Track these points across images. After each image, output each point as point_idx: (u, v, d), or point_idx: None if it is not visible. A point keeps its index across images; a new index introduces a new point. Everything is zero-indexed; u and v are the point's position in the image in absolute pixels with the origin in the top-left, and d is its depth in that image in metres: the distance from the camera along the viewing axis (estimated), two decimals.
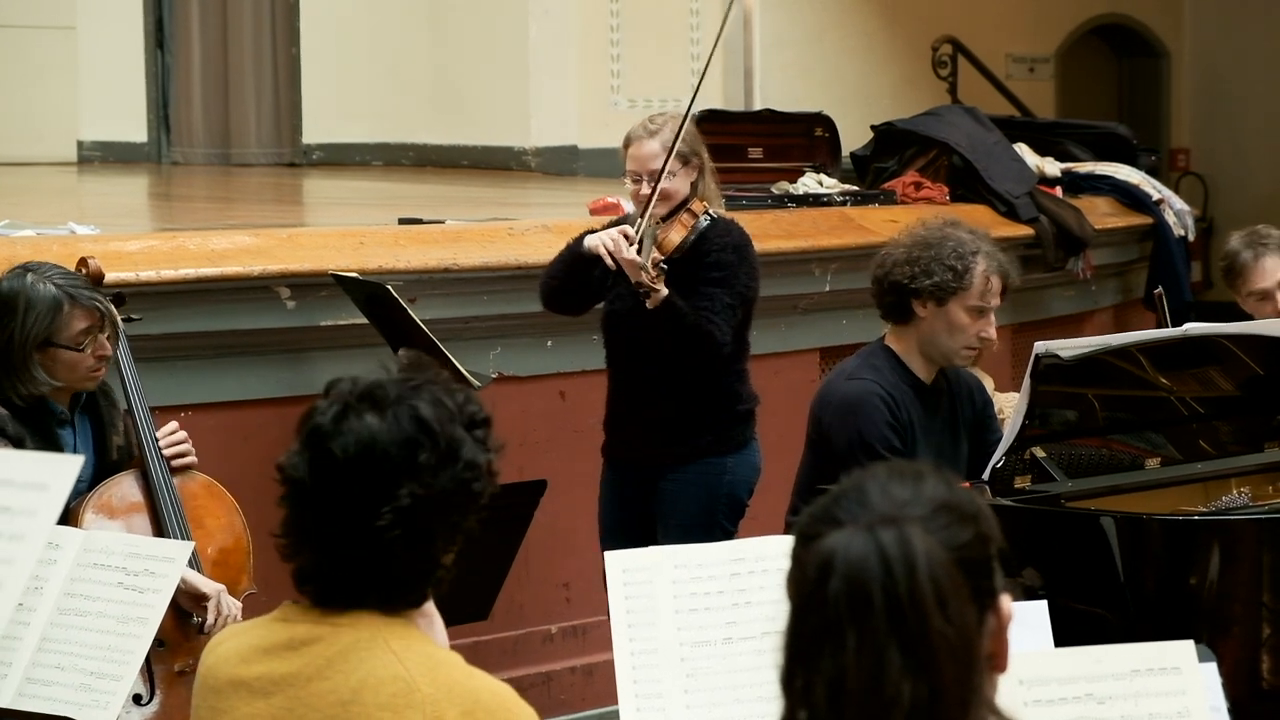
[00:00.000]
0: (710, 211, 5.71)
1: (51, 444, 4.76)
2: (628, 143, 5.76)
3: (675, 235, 5.61)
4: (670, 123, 5.73)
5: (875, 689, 1.97)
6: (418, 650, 2.64)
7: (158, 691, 4.73)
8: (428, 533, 2.63)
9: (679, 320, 5.51)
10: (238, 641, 2.74)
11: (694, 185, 5.72)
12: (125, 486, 4.90)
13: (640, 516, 5.80)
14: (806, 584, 2.02)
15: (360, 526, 2.61)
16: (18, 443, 4.69)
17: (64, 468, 2.50)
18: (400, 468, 2.60)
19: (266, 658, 2.68)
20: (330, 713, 2.61)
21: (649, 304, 5.48)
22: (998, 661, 2.07)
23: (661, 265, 5.50)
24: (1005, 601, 2.08)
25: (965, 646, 2.00)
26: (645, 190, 5.63)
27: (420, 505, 2.61)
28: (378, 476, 2.61)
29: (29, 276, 4.76)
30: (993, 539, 2.09)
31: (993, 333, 5.02)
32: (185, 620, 4.78)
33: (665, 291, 5.45)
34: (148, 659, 4.69)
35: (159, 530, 4.84)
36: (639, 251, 5.45)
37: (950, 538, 2.04)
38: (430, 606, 2.76)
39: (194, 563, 4.83)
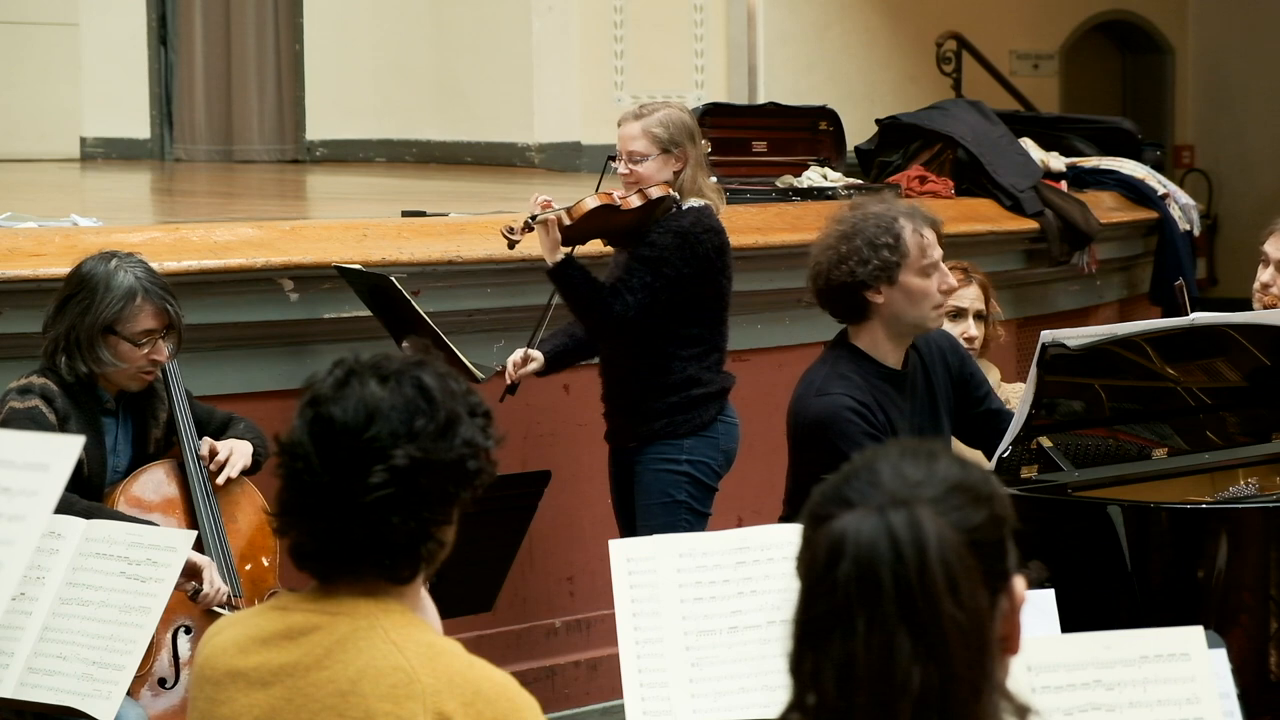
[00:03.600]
0: (679, 201, 5.77)
1: (94, 428, 4.82)
2: (619, 123, 5.91)
3: (590, 202, 5.72)
4: (662, 110, 5.86)
5: (885, 674, 1.94)
6: (417, 639, 2.62)
7: (182, 676, 4.74)
8: (420, 497, 2.62)
9: (571, 287, 5.68)
10: (234, 631, 2.72)
11: (676, 175, 5.76)
12: (161, 476, 4.93)
13: (629, 499, 5.94)
14: (816, 566, 1.99)
15: (354, 488, 2.60)
16: (64, 419, 4.77)
17: (64, 449, 2.48)
18: (398, 431, 2.61)
19: (264, 648, 2.66)
20: (329, 703, 2.58)
21: (549, 267, 5.69)
22: (1010, 644, 2.04)
23: (529, 221, 5.67)
24: (1018, 583, 2.05)
25: (976, 631, 1.97)
26: (622, 169, 5.81)
27: (414, 467, 2.60)
28: (375, 439, 2.60)
29: (113, 262, 4.92)
30: (1007, 520, 2.05)
31: (951, 280, 4.89)
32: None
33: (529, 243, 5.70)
34: (174, 644, 4.71)
35: (192, 522, 4.85)
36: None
37: (963, 519, 2.00)
38: (425, 596, 2.75)
39: (227, 558, 4.85)
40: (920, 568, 1.95)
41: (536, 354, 5.90)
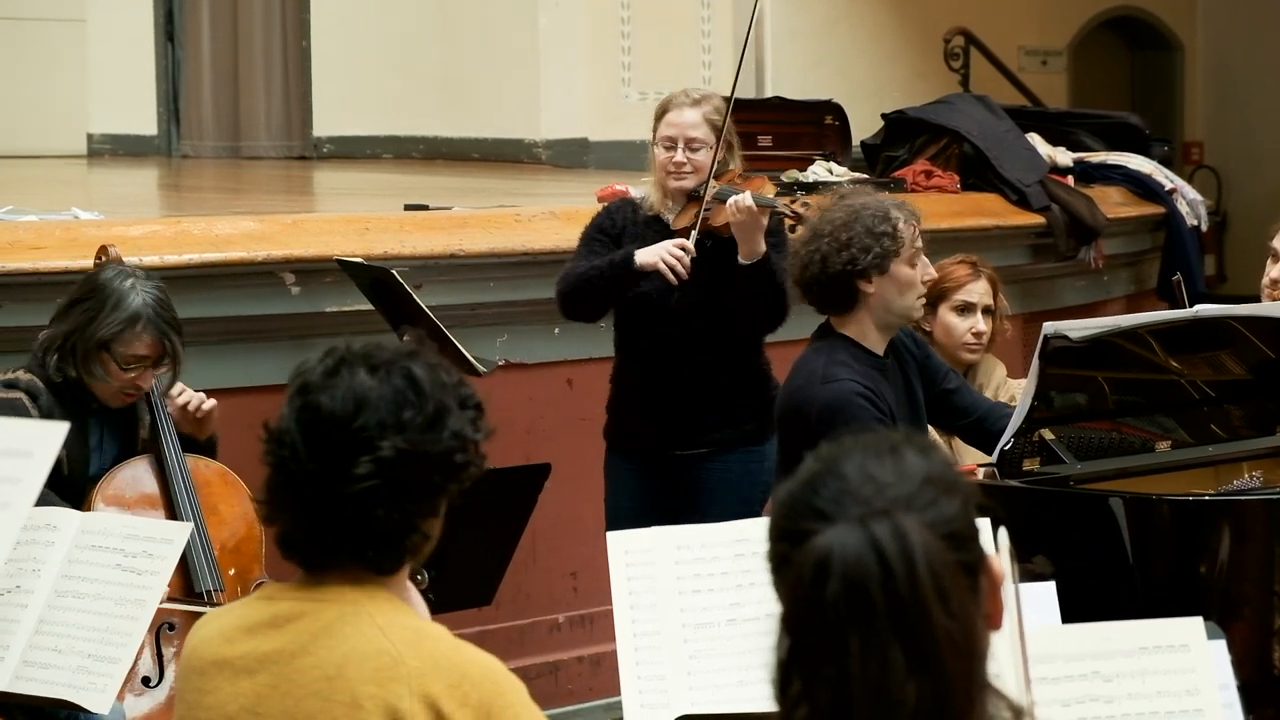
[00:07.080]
0: None
1: (78, 426, 4.78)
2: (665, 109, 5.70)
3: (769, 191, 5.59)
4: (710, 96, 5.75)
5: (880, 691, 1.91)
6: (402, 623, 2.63)
7: (167, 674, 4.72)
8: (406, 489, 2.62)
9: (771, 277, 5.35)
10: (220, 622, 2.74)
11: (721, 163, 5.65)
12: (139, 471, 4.90)
13: (663, 507, 5.59)
14: (802, 587, 1.95)
15: (340, 478, 2.60)
16: (46, 416, 4.73)
17: (48, 435, 2.46)
18: (385, 422, 2.61)
19: (250, 636, 2.67)
20: (314, 688, 2.59)
21: (744, 258, 5.41)
22: (993, 620, 2.03)
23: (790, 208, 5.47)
24: (994, 560, 2.04)
25: (967, 639, 1.95)
26: (679, 157, 5.60)
27: (401, 459, 2.60)
28: (362, 430, 2.60)
29: (130, 281, 4.82)
30: (972, 498, 2.03)
31: (932, 271, 4.98)
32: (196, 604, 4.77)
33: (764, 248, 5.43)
34: (157, 641, 4.70)
35: (172, 516, 4.84)
36: (704, 209, 5.48)
37: (939, 515, 1.97)
38: (412, 589, 2.77)
39: (208, 551, 4.84)
40: (910, 580, 1.92)
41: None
